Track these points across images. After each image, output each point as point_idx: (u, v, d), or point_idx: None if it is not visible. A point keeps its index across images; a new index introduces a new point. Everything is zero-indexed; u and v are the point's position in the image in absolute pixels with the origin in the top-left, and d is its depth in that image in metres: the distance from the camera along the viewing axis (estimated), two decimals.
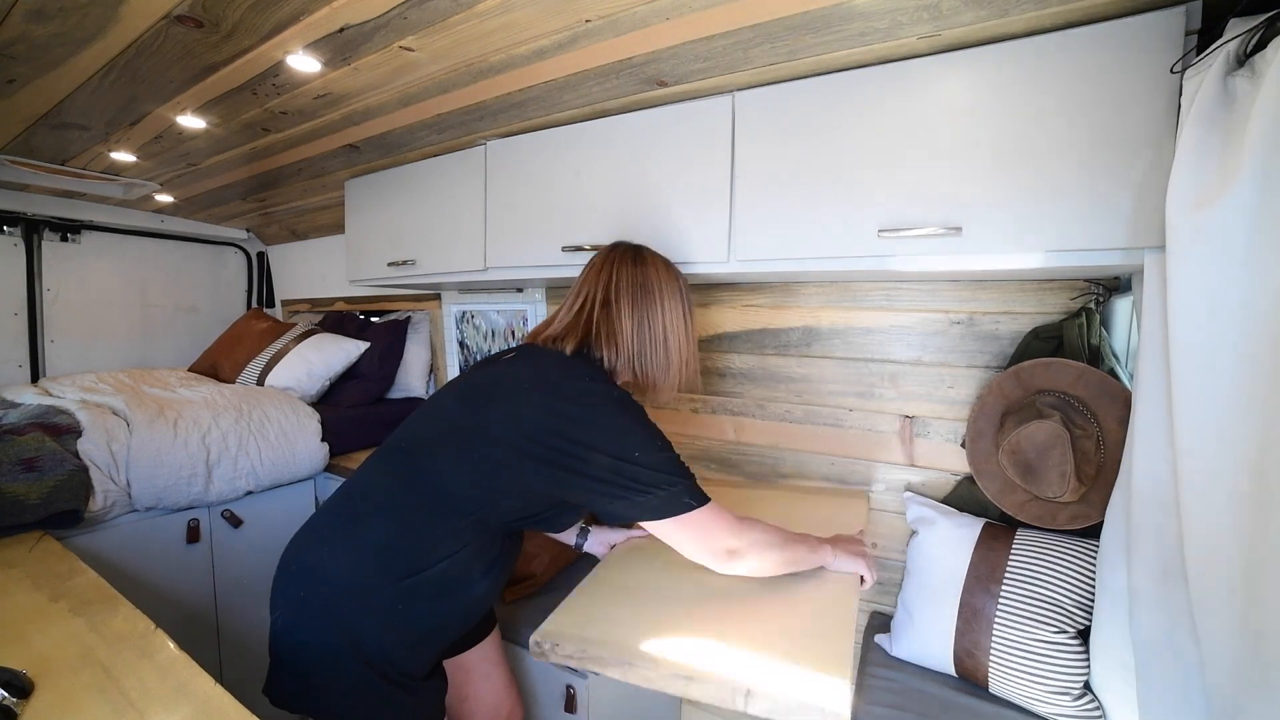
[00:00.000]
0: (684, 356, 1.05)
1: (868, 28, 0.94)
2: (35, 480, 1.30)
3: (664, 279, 1.05)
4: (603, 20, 0.95)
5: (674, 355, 1.03)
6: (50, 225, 2.35)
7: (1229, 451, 0.70)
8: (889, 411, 1.41)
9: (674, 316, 1.04)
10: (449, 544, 0.86)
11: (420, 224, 1.74)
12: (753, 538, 0.93)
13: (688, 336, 1.06)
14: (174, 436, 1.57)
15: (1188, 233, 0.73)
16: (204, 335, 2.78)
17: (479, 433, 0.87)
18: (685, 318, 1.07)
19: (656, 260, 1.07)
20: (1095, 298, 1.17)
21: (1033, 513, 1.15)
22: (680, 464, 0.89)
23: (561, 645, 0.88)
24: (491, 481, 0.86)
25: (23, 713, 0.71)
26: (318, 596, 0.87)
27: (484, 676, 1.13)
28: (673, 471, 0.87)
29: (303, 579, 0.90)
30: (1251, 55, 0.70)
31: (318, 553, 0.91)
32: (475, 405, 0.91)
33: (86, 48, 1.05)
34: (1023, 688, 1.05)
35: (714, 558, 0.91)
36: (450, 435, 0.90)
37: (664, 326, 1.02)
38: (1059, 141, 0.90)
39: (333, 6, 0.92)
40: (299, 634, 0.87)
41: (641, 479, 0.85)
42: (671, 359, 1.03)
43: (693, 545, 0.90)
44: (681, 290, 1.07)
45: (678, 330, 1.04)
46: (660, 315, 1.02)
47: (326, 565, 0.88)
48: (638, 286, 1.02)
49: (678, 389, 1.07)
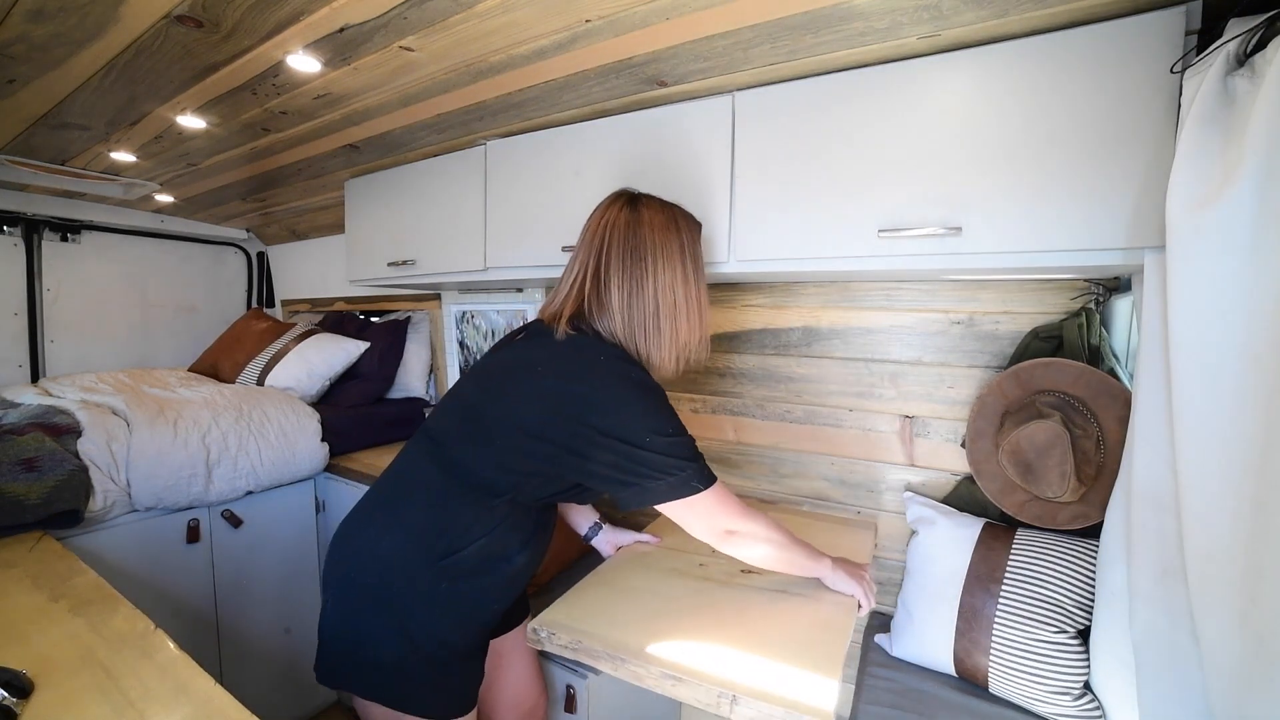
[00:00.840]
0: (680, 327, 0.95)
1: (868, 28, 0.94)
2: (35, 480, 1.30)
3: (660, 238, 0.95)
4: (603, 20, 0.95)
5: (667, 326, 0.94)
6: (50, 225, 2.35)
7: (1229, 451, 0.70)
8: (889, 411, 1.41)
9: (668, 281, 0.94)
10: (484, 523, 0.88)
11: (420, 224, 1.74)
12: (753, 527, 0.93)
13: (689, 303, 0.96)
14: (174, 436, 1.57)
15: (1188, 232, 0.73)
16: (204, 335, 2.78)
17: (497, 422, 0.89)
18: (687, 282, 0.96)
19: (654, 214, 0.96)
20: (1095, 298, 1.17)
21: (1033, 513, 1.15)
22: (691, 447, 0.89)
23: (558, 635, 0.89)
24: (515, 466, 0.88)
25: (23, 713, 0.70)
26: (364, 577, 0.90)
27: (510, 665, 1.14)
28: (683, 456, 0.87)
29: (350, 560, 0.93)
30: (1251, 55, 0.70)
31: (364, 534, 0.93)
32: (492, 392, 0.92)
33: (86, 48, 1.05)
34: (1023, 687, 1.05)
35: (714, 536, 0.92)
36: (471, 423, 0.92)
37: (654, 295, 0.93)
38: (1059, 141, 0.90)
39: (333, 6, 0.92)
40: (345, 613, 0.90)
41: (653, 464, 0.84)
42: (664, 330, 0.94)
43: (696, 523, 0.91)
44: (683, 248, 0.96)
45: (672, 297, 0.94)
46: (651, 282, 0.93)
47: (371, 546, 0.91)
48: (628, 251, 0.94)
49: (679, 363, 0.98)
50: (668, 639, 0.88)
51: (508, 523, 0.90)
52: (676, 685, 0.80)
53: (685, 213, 1.01)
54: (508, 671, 1.14)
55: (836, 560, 1.03)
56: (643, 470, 0.84)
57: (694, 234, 1.00)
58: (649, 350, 0.95)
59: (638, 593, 1.03)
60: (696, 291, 0.97)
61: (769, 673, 0.81)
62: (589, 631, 0.91)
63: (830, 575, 1.02)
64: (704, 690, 0.78)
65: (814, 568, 1.01)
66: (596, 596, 1.03)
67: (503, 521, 0.89)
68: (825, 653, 0.85)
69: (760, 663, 0.83)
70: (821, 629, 0.92)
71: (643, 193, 1.01)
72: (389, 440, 2.13)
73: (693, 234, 0.99)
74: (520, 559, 0.93)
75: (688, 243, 0.97)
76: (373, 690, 0.87)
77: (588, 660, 0.87)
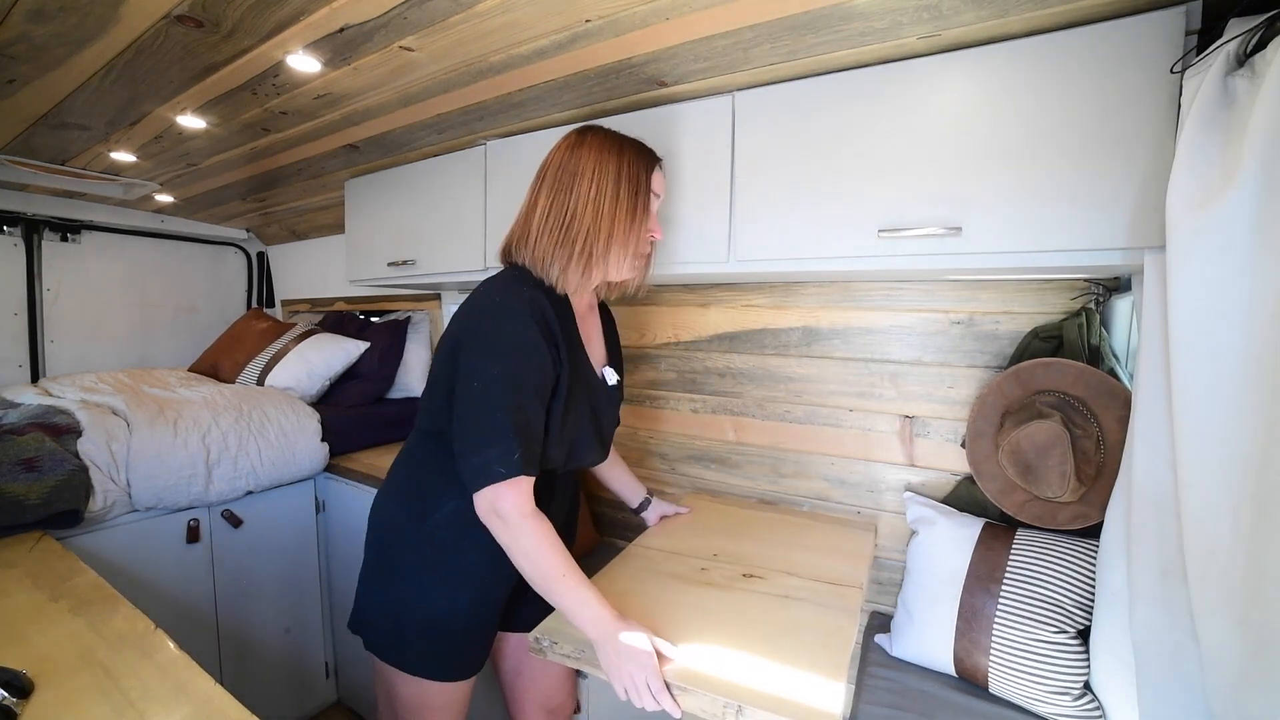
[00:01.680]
0: (596, 242, 0.90)
1: (867, 28, 0.94)
2: (35, 480, 1.30)
3: (596, 157, 0.91)
4: (603, 20, 0.95)
5: (580, 237, 0.89)
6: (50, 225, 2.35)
7: (1229, 451, 0.70)
8: (889, 411, 1.41)
9: (592, 195, 0.89)
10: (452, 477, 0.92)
11: (420, 224, 1.74)
12: (517, 534, 0.83)
13: (615, 223, 0.91)
14: (174, 436, 1.57)
15: (1188, 232, 0.73)
16: (204, 335, 2.78)
17: (439, 372, 0.94)
18: (616, 201, 0.90)
19: (597, 139, 0.94)
20: (1095, 298, 1.17)
21: (1032, 513, 1.15)
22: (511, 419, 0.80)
23: (560, 644, 0.89)
24: (441, 413, 0.93)
25: (23, 713, 0.70)
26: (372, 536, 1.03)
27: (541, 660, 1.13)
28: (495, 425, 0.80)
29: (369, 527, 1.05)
30: (1251, 55, 0.70)
31: (376, 503, 1.05)
32: (440, 345, 0.97)
33: (86, 48, 1.05)
34: (1023, 687, 1.05)
35: (483, 513, 0.85)
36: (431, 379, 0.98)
37: (573, 208, 0.90)
38: (1059, 141, 0.90)
39: (333, 6, 0.92)
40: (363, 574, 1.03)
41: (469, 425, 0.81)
42: (576, 241, 0.89)
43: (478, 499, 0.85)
44: (620, 171, 0.91)
45: (594, 211, 0.90)
46: (572, 198, 0.90)
47: (376, 512, 1.04)
48: (560, 174, 0.92)
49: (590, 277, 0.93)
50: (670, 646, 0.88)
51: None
52: (682, 695, 0.79)
53: (639, 145, 0.98)
54: (540, 665, 1.14)
55: (630, 628, 0.80)
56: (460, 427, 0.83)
57: (640, 161, 0.95)
58: (556, 261, 0.91)
59: (639, 598, 1.03)
60: (627, 212, 0.92)
61: (773, 679, 0.80)
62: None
63: (605, 641, 0.79)
64: (709, 700, 0.78)
65: (578, 608, 0.82)
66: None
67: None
68: (829, 658, 0.84)
69: (764, 669, 0.82)
70: (824, 634, 0.92)
71: (596, 125, 1.01)
72: (389, 440, 2.13)
73: (639, 161, 0.95)
74: None
75: (628, 166, 0.93)
76: (374, 645, 0.99)
77: (590, 669, 0.87)
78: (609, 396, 1.08)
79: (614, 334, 1.18)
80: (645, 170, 0.96)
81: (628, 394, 1.80)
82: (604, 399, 1.06)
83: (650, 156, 0.99)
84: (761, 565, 1.16)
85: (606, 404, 1.07)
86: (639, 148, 0.98)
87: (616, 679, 0.78)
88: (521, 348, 0.84)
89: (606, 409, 1.08)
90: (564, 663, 0.90)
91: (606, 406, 1.07)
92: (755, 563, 1.17)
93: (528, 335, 0.85)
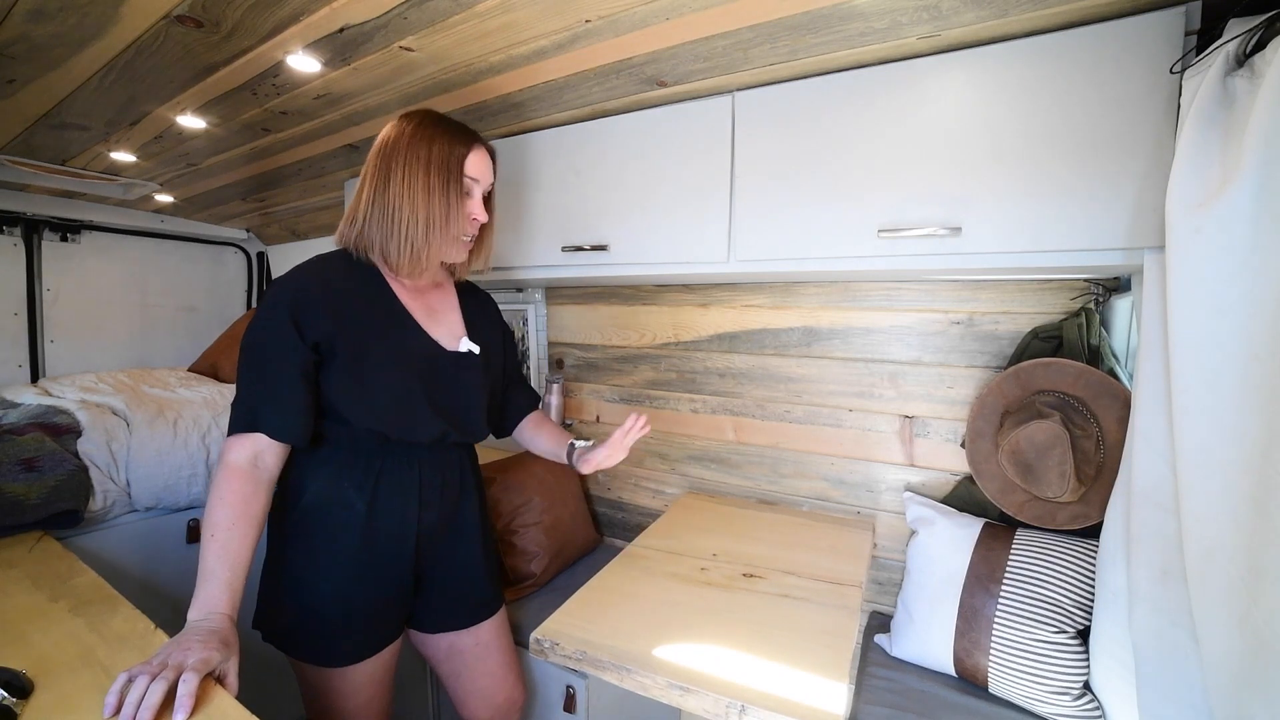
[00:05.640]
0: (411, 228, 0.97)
1: (867, 28, 0.94)
2: (35, 480, 1.30)
3: (409, 148, 0.97)
4: (603, 20, 0.95)
5: (400, 228, 0.96)
6: (50, 225, 2.35)
7: (1229, 451, 0.70)
8: (889, 412, 1.41)
9: (404, 184, 0.96)
10: (315, 468, 0.98)
11: None
12: (216, 480, 0.89)
13: (428, 205, 0.97)
14: (174, 436, 1.57)
15: (1188, 232, 0.73)
16: (204, 335, 2.78)
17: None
18: (428, 187, 0.97)
19: (415, 129, 0.99)
20: (1095, 298, 1.17)
21: (1032, 513, 1.15)
22: (244, 388, 0.94)
23: (561, 645, 0.89)
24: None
25: (23, 713, 0.70)
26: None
27: (477, 659, 1.14)
28: (236, 397, 0.94)
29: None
30: (1251, 55, 0.70)
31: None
32: None
33: (86, 48, 1.05)
34: (1022, 688, 1.05)
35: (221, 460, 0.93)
36: None
37: (390, 198, 0.96)
38: (1059, 141, 0.90)
39: (333, 6, 0.92)
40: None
41: (239, 388, 0.94)
42: (395, 230, 0.96)
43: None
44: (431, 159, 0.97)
45: (404, 199, 0.96)
46: (390, 188, 0.96)
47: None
48: (381, 161, 0.98)
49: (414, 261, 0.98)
50: (671, 645, 0.88)
51: (332, 464, 0.98)
52: (684, 695, 0.80)
53: (454, 131, 1.01)
54: (476, 664, 1.14)
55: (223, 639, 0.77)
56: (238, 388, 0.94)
57: (453, 148, 0.99)
58: (384, 247, 0.98)
59: (639, 599, 1.03)
60: (440, 201, 0.98)
61: (775, 679, 0.80)
62: (592, 641, 0.90)
63: (189, 628, 0.78)
64: (711, 700, 0.78)
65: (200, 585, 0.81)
66: (598, 603, 1.02)
67: (325, 464, 0.98)
68: (830, 657, 0.85)
69: (765, 669, 0.82)
70: (825, 633, 0.92)
71: (423, 109, 1.05)
72: None
73: (451, 148, 0.99)
74: (360, 505, 0.97)
75: (437, 154, 0.98)
76: (271, 636, 0.99)
77: (592, 671, 0.87)
78: (456, 364, 1.06)
79: (482, 311, 1.20)
80: (458, 157, 1.00)
81: (628, 394, 1.80)
82: (445, 368, 1.04)
83: (466, 141, 1.01)
84: (761, 565, 1.16)
85: (451, 373, 1.05)
86: (453, 134, 1.01)
87: (146, 660, 0.73)
88: (268, 327, 0.94)
89: (451, 378, 1.05)
90: (565, 664, 0.90)
91: (451, 376, 1.05)
92: (755, 562, 1.17)
93: (273, 316, 0.93)
